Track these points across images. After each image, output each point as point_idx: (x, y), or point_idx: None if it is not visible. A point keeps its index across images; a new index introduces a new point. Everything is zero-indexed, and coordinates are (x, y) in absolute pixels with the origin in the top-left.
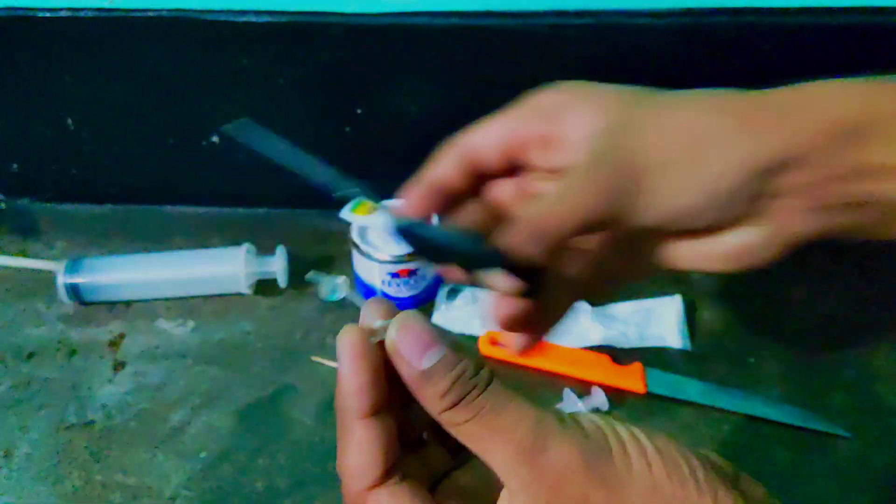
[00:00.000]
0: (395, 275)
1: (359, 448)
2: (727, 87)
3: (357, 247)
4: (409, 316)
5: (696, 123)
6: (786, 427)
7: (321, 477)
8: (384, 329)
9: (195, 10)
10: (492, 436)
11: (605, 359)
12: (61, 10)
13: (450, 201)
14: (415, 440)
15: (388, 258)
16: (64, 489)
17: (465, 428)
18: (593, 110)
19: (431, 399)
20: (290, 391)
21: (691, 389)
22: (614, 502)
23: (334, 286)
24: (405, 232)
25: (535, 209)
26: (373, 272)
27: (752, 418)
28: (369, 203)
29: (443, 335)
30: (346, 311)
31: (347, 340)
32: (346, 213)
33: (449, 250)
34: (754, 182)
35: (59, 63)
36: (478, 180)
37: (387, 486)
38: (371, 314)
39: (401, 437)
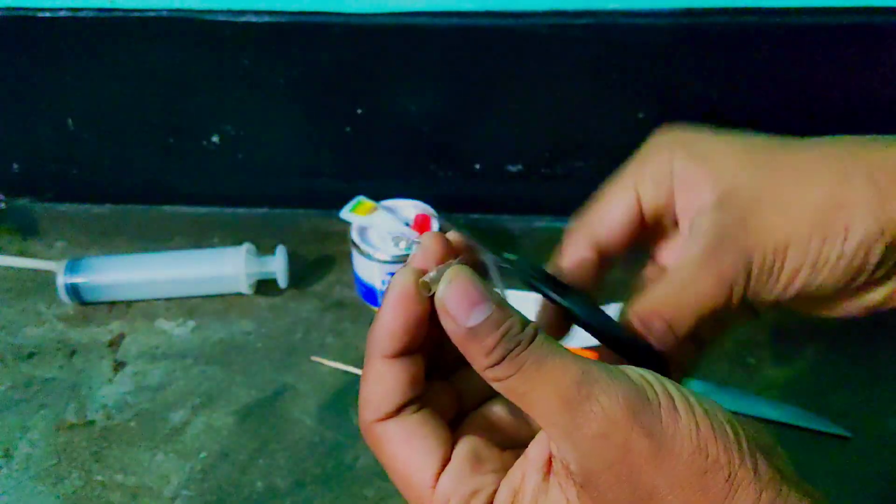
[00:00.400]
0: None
1: (374, 382)
2: (727, 87)
3: (357, 247)
4: (460, 271)
5: (822, 195)
6: (786, 427)
7: (321, 477)
8: (435, 281)
9: (195, 10)
10: (534, 387)
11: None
12: (61, 10)
13: (589, 277)
14: (450, 365)
15: (387, 258)
16: (64, 489)
17: (509, 383)
18: (705, 179)
19: (476, 356)
20: (290, 391)
21: (692, 389)
22: (657, 454)
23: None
24: (567, 304)
25: (661, 298)
26: (373, 272)
27: (752, 418)
28: (369, 203)
29: (491, 291)
30: (345, 311)
31: (398, 283)
32: (346, 213)
33: (593, 329)
34: (891, 253)
35: (59, 63)
36: (601, 257)
37: (397, 419)
38: (426, 256)
39: (432, 366)
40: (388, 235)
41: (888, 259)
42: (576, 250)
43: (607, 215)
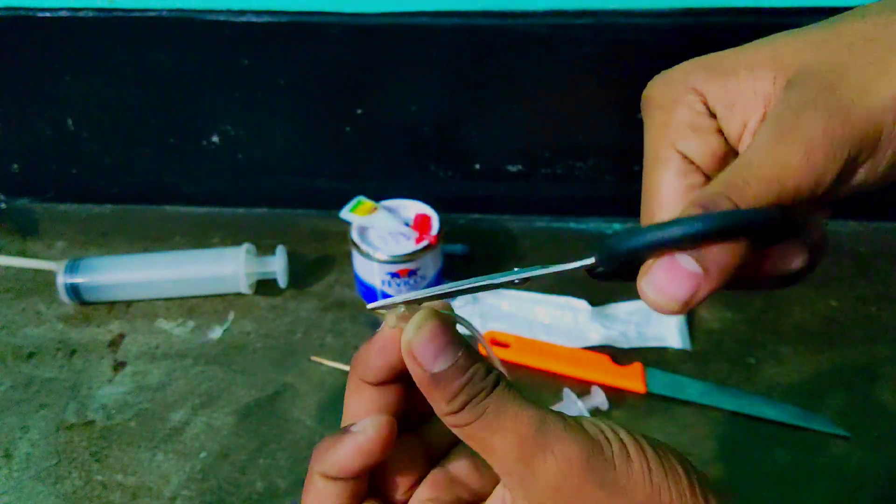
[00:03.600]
0: (394, 275)
1: (353, 405)
2: None
3: (357, 247)
4: (429, 317)
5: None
6: (786, 427)
7: None
8: (404, 319)
9: (195, 10)
10: (492, 435)
11: (605, 359)
12: (61, 10)
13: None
14: (418, 418)
15: (387, 258)
16: (64, 489)
17: (469, 430)
18: (756, 80)
19: (439, 401)
20: (290, 391)
21: (691, 389)
22: (611, 502)
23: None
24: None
25: (724, 179)
26: (373, 272)
27: (752, 418)
28: (369, 203)
29: (458, 336)
30: (345, 311)
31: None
32: (346, 213)
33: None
34: None
35: (59, 63)
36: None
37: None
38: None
39: (404, 415)
40: (388, 235)
41: None
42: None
43: (657, 203)
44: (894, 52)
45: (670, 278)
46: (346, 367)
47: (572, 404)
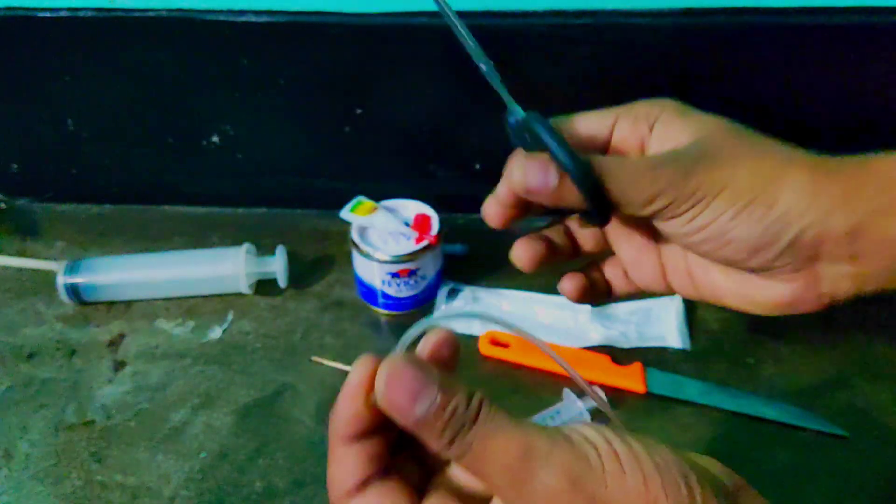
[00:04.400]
0: (395, 275)
1: (336, 465)
2: (727, 86)
3: (357, 247)
4: (395, 367)
5: (768, 167)
6: (786, 427)
7: (321, 477)
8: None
9: (195, 10)
10: (483, 464)
11: (605, 359)
12: (61, 10)
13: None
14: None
15: (387, 258)
16: (64, 489)
17: (462, 461)
18: (685, 129)
19: (429, 440)
20: (290, 391)
21: (691, 389)
22: None
23: None
24: (532, 125)
25: (612, 169)
26: (373, 272)
27: (752, 418)
28: (369, 203)
29: (431, 371)
30: (345, 311)
31: (351, 376)
32: (346, 213)
33: (556, 151)
34: (799, 246)
35: (59, 63)
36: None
37: (362, 493)
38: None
39: (395, 439)
40: (388, 235)
41: (797, 248)
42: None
43: (583, 121)
44: (756, 157)
45: (537, 171)
46: (347, 367)
47: (572, 404)
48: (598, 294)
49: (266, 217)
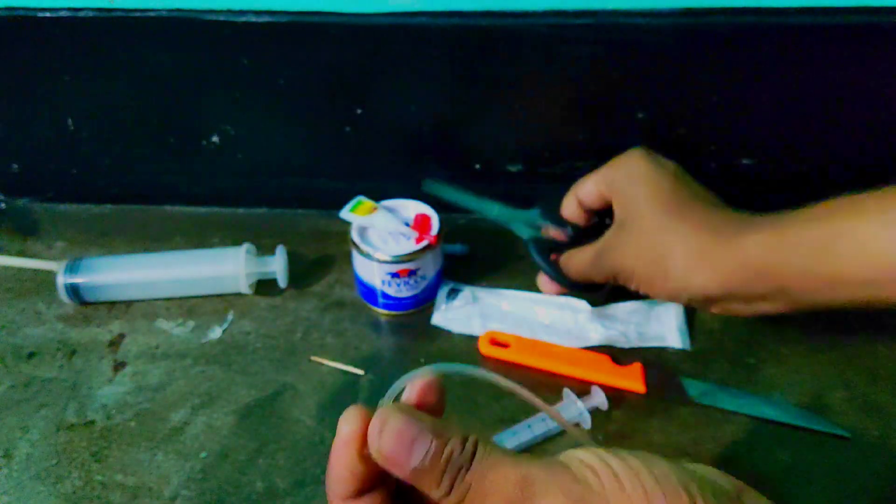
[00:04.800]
0: (395, 275)
1: None
2: (727, 86)
3: (357, 247)
4: (388, 415)
5: (662, 246)
6: (786, 427)
7: (321, 477)
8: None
9: (195, 10)
10: (483, 502)
11: (604, 359)
12: (61, 10)
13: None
14: None
15: (387, 258)
16: (64, 489)
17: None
18: (623, 205)
19: (428, 490)
20: (290, 391)
21: (691, 389)
22: None
23: None
24: (528, 245)
25: (567, 262)
26: (373, 272)
27: (752, 418)
28: (369, 203)
29: (423, 420)
30: (345, 311)
31: (339, 432)
32: (345, 213)
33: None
34: (700, 301)
35: (59, 63)
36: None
37: None
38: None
39: (395, 490)
40: (388, 235)
41: (697, 304)
42: (569, 203)
43: (583, 188)
44: (656, 238)
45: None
46: (347, 367)
47: (572, 404)
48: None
49: (266, 217)
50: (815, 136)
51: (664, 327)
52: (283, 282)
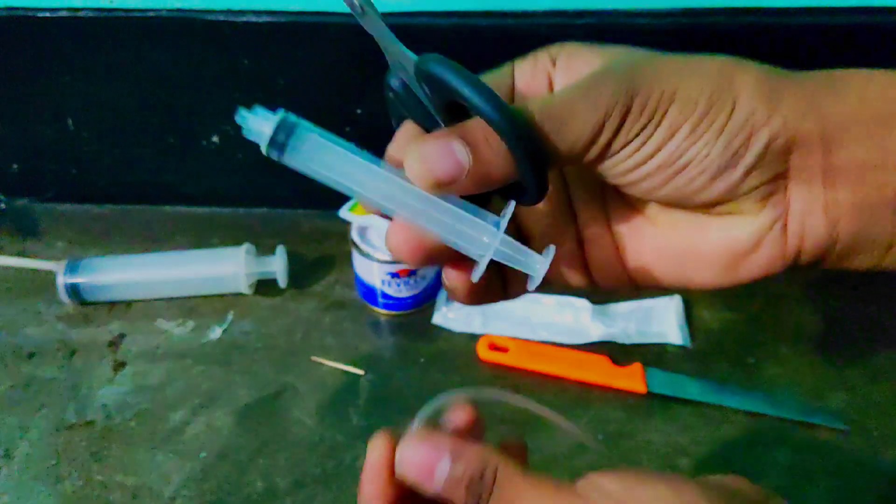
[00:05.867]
0: (395, 275)
1: None
2: None
3: (357, 247)
4: (409, 444)
5: (715, 68)
6: (786, 424)
7: (321, 477)
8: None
9: (195, 10)
10: None
11: (604, 360)
12: (61, 10)
13: None
14: None
15: (387, 258)
16: (64, 489)
17: None
18: (594, 57)
19: None
20: (290, 391)
21: (691, 388)
22: None
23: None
24: (432, 70)
25: (537, 107)
26: (373, 272)
27: (752, 415)
28: None
29: (444, 441)
30: (345, 311)
31: (371, 452)
32: (345, 213)
33: (472, 98)
34: (771, 157)
35: (59, 63)
36: None
37: None
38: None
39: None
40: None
41: (767, 161)
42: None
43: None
44: (695, 61)
45: (440, 155)
46: (347, 367)
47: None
48: (492, 293)
49: (266, 217)
50: None
51: (664, 325)
52: (283, 282)
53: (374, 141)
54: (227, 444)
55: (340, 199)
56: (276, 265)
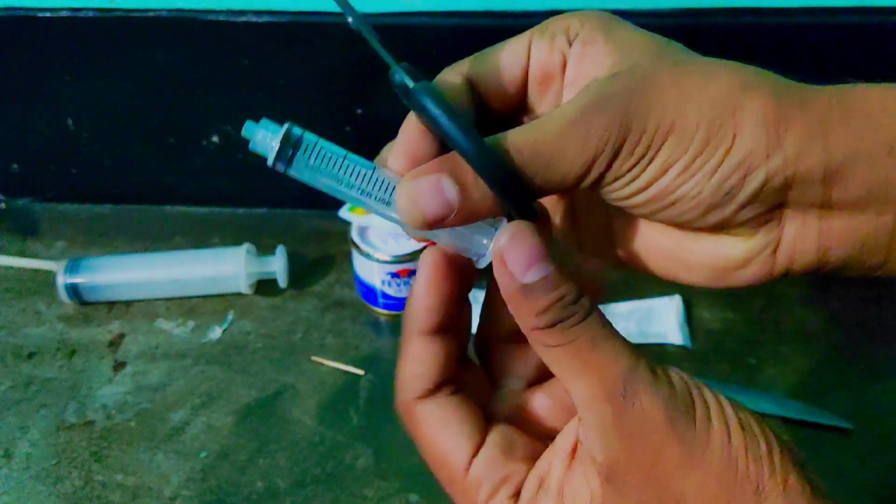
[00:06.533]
0: (394, 275)
1: (412, 361)
2: None
3: (357, 247)
4: (524, 227)
5: (721, 94)
6: (788, 423)
7: (321, 477)
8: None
9: (195, 10)
10: (580, 368)
11: None
12: (61, 10)
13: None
14: (482, 351)
15: (387, 258)
16: (64, 489)
17: (554, 352)
18: (607, 53)
19: (526, 315)
20: (290, 391)
21: None
22: (687, 463)
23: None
24: (420, 94)
25: (519, 139)
26: (373, 272)
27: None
28: None
29: (554, 253)
30: (345, 311)
31: (430, 259)
32: (345, 213)
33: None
34: (768, 191)
35: (59, 63)
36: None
37: (434, 399)
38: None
39: (462, 353)
40: (388, 235)
41: (762, 197)
42: (453, 76)
43: (491, 60)
44: (703, 83)
45: (430, 195)
46: (347, 367)
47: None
48: (465, 279)
49: (266, 217)
50: None
51: (665, 325)
52: (283, 282)
53: (374, 141)
54: (227, 444)
55: (340, 199)
56: (276, 265)
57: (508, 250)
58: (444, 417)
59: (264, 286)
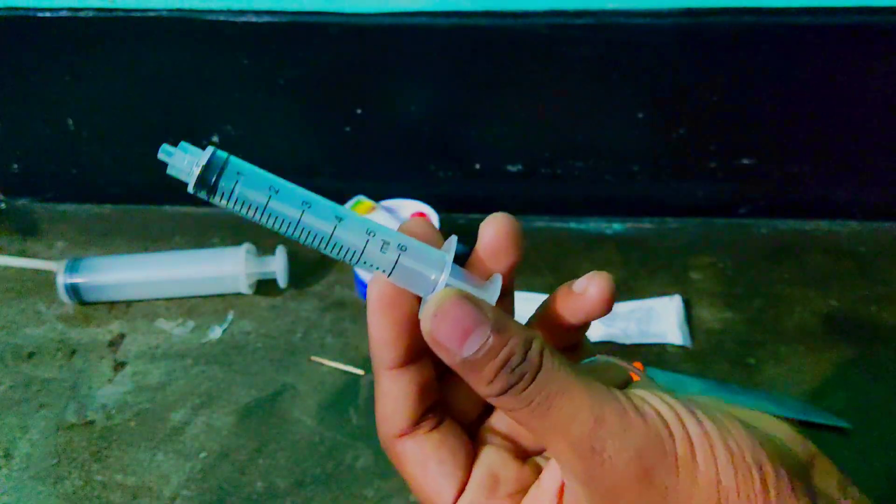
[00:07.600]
0: None
1: (384, 400)
2: (727, 86)
3: None
4: (448, 295)
5: None
6: (787, 422)
7: (321, 477)
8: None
9: (195, 10)
10: (545, 428)
11: None
12: (61, 10)
13: None
14: None
15: None
16: (64, 489)
17: (516, 415)
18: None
19: (476, 385)
20: (289, 391)
21: (692, 387)
22: None
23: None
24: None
25: None
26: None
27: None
28: (368, 202)
29: (487, 311)
30: (345, 311)
31: (374, 291)
32: None
33: None
34: None
35: (59, 63)
36: None
37: (414, 438)
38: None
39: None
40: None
41: None
42: None
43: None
44: None
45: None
46: (347, 367)
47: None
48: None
49: None
50: (815, 136)
51: (665, 325)
52: (283, 282)
53: (374, 141)
54: (227, 444)
55: (340, 199)
56: (276, 265)
57: (437, 327)
58: (424, 458)
59: (264, 286)
